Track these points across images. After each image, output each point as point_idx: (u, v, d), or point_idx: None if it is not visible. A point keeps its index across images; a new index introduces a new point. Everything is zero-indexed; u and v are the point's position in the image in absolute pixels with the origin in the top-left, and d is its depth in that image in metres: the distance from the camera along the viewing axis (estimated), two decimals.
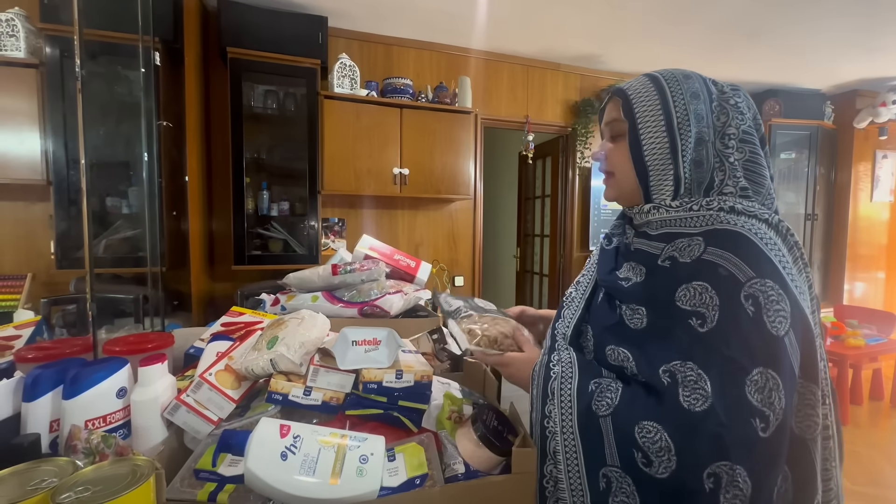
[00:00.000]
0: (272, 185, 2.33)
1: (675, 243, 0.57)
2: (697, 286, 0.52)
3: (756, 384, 0.47)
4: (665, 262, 0.57)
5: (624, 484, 0.51)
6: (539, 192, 3.81)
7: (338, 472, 0.52)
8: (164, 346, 0.80)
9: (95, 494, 0.42)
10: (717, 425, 0.46)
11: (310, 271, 0.99)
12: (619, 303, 0.60)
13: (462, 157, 2.64)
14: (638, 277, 0.59)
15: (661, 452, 0.48)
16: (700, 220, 0.57)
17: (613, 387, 0.55)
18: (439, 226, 2.93)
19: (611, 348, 0.58)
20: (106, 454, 0.52)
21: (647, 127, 0.59)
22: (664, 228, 0.60)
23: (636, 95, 0.61)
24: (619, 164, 0.63)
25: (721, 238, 0.53)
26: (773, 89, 3.59)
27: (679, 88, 0.59)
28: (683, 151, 0.58)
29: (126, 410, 0.58)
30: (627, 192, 0.64)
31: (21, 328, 0.99)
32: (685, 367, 0.50)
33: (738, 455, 0.46)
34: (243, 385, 0.66)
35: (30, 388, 0.54)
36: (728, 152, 0.58)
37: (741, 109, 0.59)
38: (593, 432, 0.53)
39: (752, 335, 0.48)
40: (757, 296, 0.49)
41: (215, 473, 0.53)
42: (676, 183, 0.59)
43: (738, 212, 0.56)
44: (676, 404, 0.49)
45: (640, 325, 0.56)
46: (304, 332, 0.68)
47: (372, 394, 0.64)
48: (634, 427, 0.50)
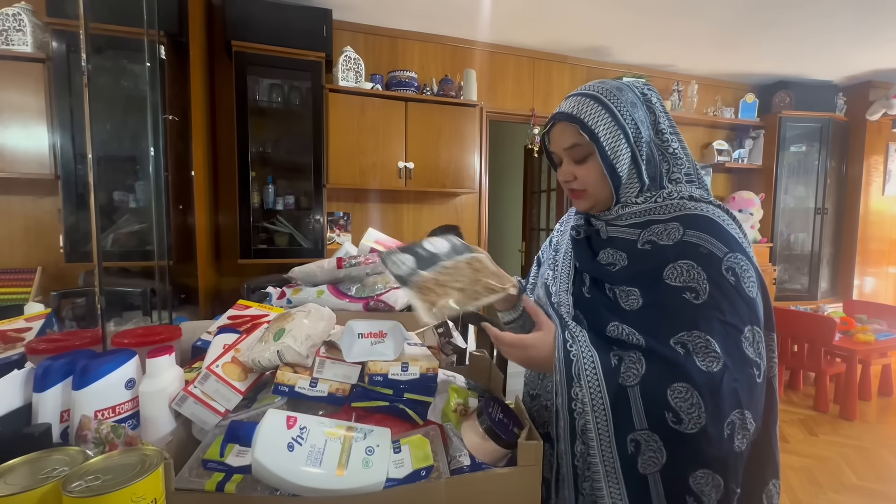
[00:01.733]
0: (277, 179, 2.33)
1: (651, 229, 0.65)
2: (684, 264, 0.59)
3: (748, 340, 0.57)
4: (646, 246, 0.64)
5: (651, 442, 0.57)
6: (545, 186, 3.79)
7: (344, 464, 0.52)
8: (171, 339, 0.81)
9: (105, 483, 0.42)
10: (733, 380, 0.55)
11: (315, 265, 0.99)
12: (610, 286, 0.65)
13: (467, 150, 2.63)
14: (622, 262, 0.66)
15: (691, 409, 0.54)
16: (668, 208, 0.65)
17: (635, 356, 0.59)
18: (444, 219, 2.92)
19: (613, 325, 0.62)
20: (115, 444, 0.53)
21: (612, 144, 0.64)
22: (636, 218, 0.67)
23: (591, 119, 0.64)
24: (592, 181, 0.67)
25: (696, 222, 0.62)
26: (783, 81, 3.53)
27: (621, 103, 0.65)
28: (641, 156, 0.66)
29: (135, 401, 0.59)
30: (601, 202, 0.70)
31: (32, 321, 1.00)
32: (692, 335, 0.57)
33: (746, 402, 0.55)
34: (250, 377, 0.66)
35: (40, 379, 0.55)
36: (666, 145, 0.68)
37: (660, 106, 0.68)
38: (622, 403, 0.58)
39: (737, 300, 0.57)
40: (733, 267, 0.58)
41: (223, 464, 0.53)
42: (641, 183, 0.67)
43: (697, 199, 0.65)
44: (698, 368, 0.55)
45: (635, 304, 0.62)
46: (311, 325, 0.69)
47: (378, 386, 0.64)
48: (666, 391, 0.56)
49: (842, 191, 3.79)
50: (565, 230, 0.81)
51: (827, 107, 3.56)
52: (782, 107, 3.49)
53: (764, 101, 3.61)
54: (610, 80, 0.69)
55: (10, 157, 1.75)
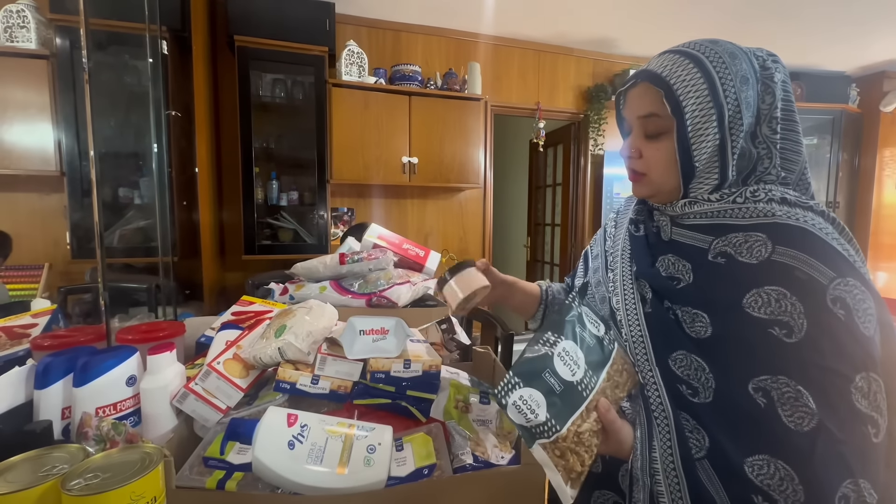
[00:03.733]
0: (281, 174, 2.33)
1: (727, 238, 0.52)
2: (773, 292, 0.47)
3: (861, 390, 0.44)
4: (718, 259, 0.52)
5: None
6: (550, 181, 3.76)
7: (345, 462, 0.52)
8: (175, 335, 0.80)
9: (105, 481, 0.42)
10: (837, 443, 0.43)
11: (317, 260, 0.99)
12: (670, 304, 0.55)
13: (472, 145, 2.60)
14: (686, 276, 0.54)
15: (783, 486, 0.44)
16: (749, 212, 0.52)
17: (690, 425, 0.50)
18: (449, 215, 2.91)
19: (681, 354, 0.52)
20: (116, 441, 0.53)
21: (699, 126, 0.52)
22: (707, 220, 0.55)
23: (682, 86, 0.52)
24: (659, 165, 0.56)
25: (787, 235, 0.49)
26: (794, 72, 3.45)
27: (728, 73, 0.51)
28: (734, 148, 0.53)
29: (136, 398, 0.59)
30: (665, 192, 0.58)
31: (38, 317, 1.01)
32: (778, 382, 0.46)
33: (859, 469, 0.43)
34: (251, 374, 0.66)
35: (41, 375, 0.55)
36: (775, 138, 0.53)
37: (784, 87, 0.54)
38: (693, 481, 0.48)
39: (847, 340, 0.45)
40: (844, 297, 0.45)
41: (224, 461, 0.53)
42: (722, 179, 0.54)
43: (791, 203, 0.51)
44: (782, 427, 0.45)
45: (704, 332, 0.51)
46: (312, 322, 0.68)
47: (380, 383, 0.64)
48: (743, 465, 0.45)
49: (854, 184, 3.72)
50: (622, 222, 0.68)
51: (839, 98, 3.48)
52: None
53: None
54: (726, 42, 0.54)
55: (16, 154, 1.76)
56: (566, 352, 0.50)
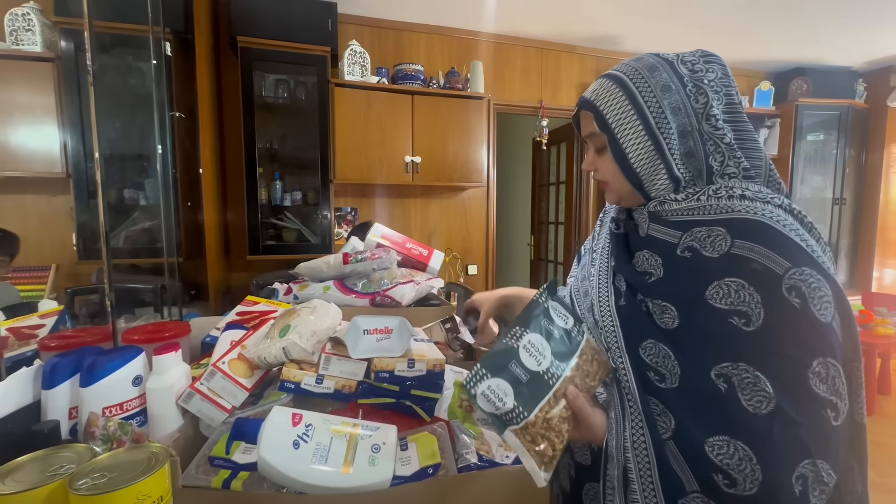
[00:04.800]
0: (285, 174, 2.33)
1: (692, 232, 0.55)
2: (732, 283, 0.49)
3: (819, 375, 0.46)
4: (685, 253, 0.55)
5: None
6: (553, 179, 3.75)
7: (350, 461, 0.52)
8: (181, 335, 0.81)
9: (111, 480, 0.42)
10: (794, 425, 0.45)
11: (321, 260, 0.99)
12: (643, 297, 0.58)
13: (475, 143, 2.60)
14: (657, 271, 0.57)
15: (741, 465, 0.46)
16: (712, 208, 0.55)
17: (659, 409, 0.53)
18: (452, 214, 2.91)
19: (650, 343, 0.55)
20: (123, 441, 0.53)
21: (626, 134, 0.57)
22: (678, 217, 0.58)
23: (605, 104, 0.58)
24: (610, 174, 0.62)
25: (745, 229, 0.51)
26: (800, 67, 3.42)
27: (646, 84, 0.57)
28: (670, 148, 0.57)
29: (142, 398, 0.59)
30: (626, 197, 0.63)
31: (45, 317, 1.01)
32: (738, 368, 0.48)
33: (818, 450, 0.45)
34: (256, 374, 0.66)
35: (48, 376, 0.55)
36: (719, 134, 0.57)
37: (718, 85, 0.57)
38: (663, 460, 0.50)
39: (803, 327, 0.47)
40: (799, 286, 0.47)
41: (229, 461, 0.53)
42: (674, 180, 0.57)
43: (750, 198, 0.54)
44: (741, 410, 0.47)
45: (671, 324, 0.54)
46: (316, 321, 0.68)
47: (384, 382, 0.64)
48: (703, 445, 0.47)
49: (861, 180, 3.68)
50: (605, 221, 0.73)
51: (846, 93, 3.45)
52: (799, 94, 3.39)
53: (780, 89, 3.51)
54: (648, 56, 0.60)
55: (22, 157, 1.77)
56: (531, 344, 0.53)
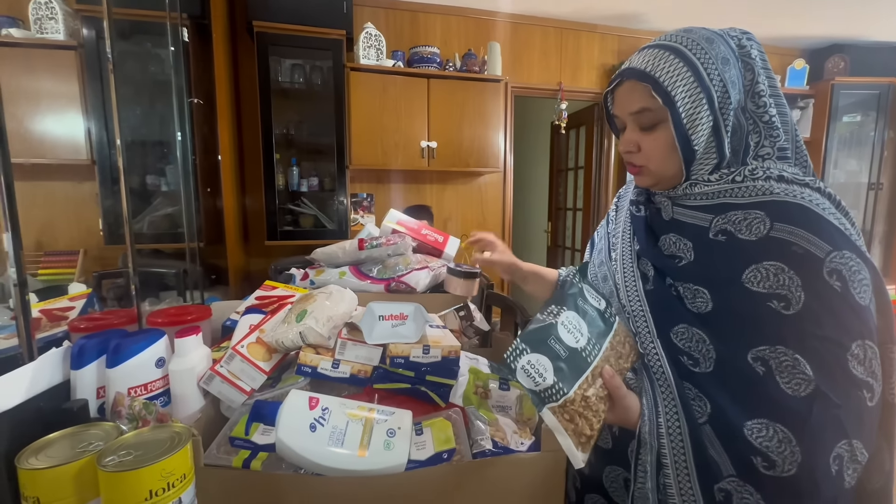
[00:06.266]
0: (301, 160, 2.34)
1: (727, 216, 0.54)
2: (771, 267, 0.49)
3: (857, 357, 0.47)
4: (718, 237, 0.54)
5: (745, 494, 0.48)
6: (572, 164, 3.67)
7: (366, 445, 0.52)
8: (202, 319, 0.83)
9: (137, 458, 0.44)
10: (833, 407, 0.46)
11: (337, 246, 0.99)
12: (672, 281, 0.57)
13: (491, 128, 2.55)
14: (687, 255, 0.56)
15: (781, 447, 0.46)
16: (748, 190, 0.54)
17: (692, 393, 0.53)
18: (468, 200, 2.89)
19: (682, 328, 0.54)
20: (148, 420, 0.55)
21: (692, 111, 0.53)
22: (708, 200, 0.57)
23: (667, 76, 0.53)
24: (659, 155, 0.57)
25: (785, 212, 0.50)
26: (837, 44, 3.23)
27: (709, 57, 0.53)
28: (726, 124, 0.54)
29: (165, 379, 0.61)
30: (667, 179, 0.59)
31: (75, 300, 1.05)
32: (776, 352, 0.48)
33: (854, 430, 0.46)
34: (274, 357, 0.67)
35: (76, 357, 0.57)
36: (761, 112, 0.55)
37: (760, 62, 0.56)
38: (698, 445, 0.50)
39: (844, 310, 0.47)
40: (840, 269, 0.47)
41: (249, 441, 0.54)
42: (721, 158, 0.56)
43: (788, 180, 0.53)
44: (780, 393, 0.47)
45: (704, 308, 0.53)
46: (332, 307, 0.68)
47: (399, 368, 0.64)
48: (742, 428, 0.48)
49: None
50: (621, 206, 0.70)
51: (887, 71, 3.23)
52: (836, 73, 3.20)
53: (815, 68, 3.32)
54: (699, 29, 0.56)
55: (49, 144, 1.82)
56: (569, 321, 0.53)
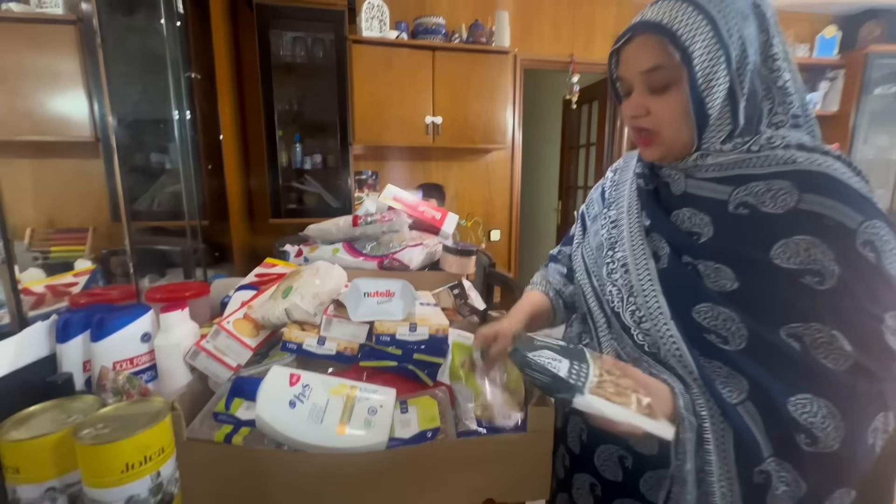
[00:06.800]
0: (305, 137, 2.31)
1: (748, 187, 0.50)
2: (801, 241, 0.46)
3: (891, 329, 0.45)
4: (740, 210, 0.50)
5: (782, 473, 0.47)
6: (584, 141, 3.55)
7: (346, 422, 0.51)
8: (199, 295, 0.83)
9: (114, 431, 0.44)
10: (877, 381, 0.45)
11: (331, 222, 0.97)
12: (690, 259, 0.53)
13: (499, 102, 2.47)
14: (706, 230, 0.53)
15: (825, 423, 0.45)
16: (768, 160, 0.50)
17: (724, 371, 0.50)
18: (475, 178, 2.83)
19: (705, 307, 0.50)
20: (132, 394, 0.55)
21: (708, 68, 0.48)
22: (722, 171, 0.52)
23: (686, 30, 0.48)
24: (670, 120, 0.52)
25: (812, 182, 0.47)
26: (873, 9, 3.00)
27: (728, 12, 0.49)
28: (742, 89, 0.50)
29: (151, 354, 0.61)
30: (678, 148, 0.54)
31: (79, 276, 1.07)
32: (810, 329, 0.46)
33: (893, 402, 0.46)
34: (262, 333, 0.67)
35: (61, 330, 0.57)
36: (775, 76, 0.51)
37: (775, 23, 0.51)
38: (737, 424, 0.48)
39: (877, 282, 0.45)
40: (872, 240, 0.45)
41: (232, 416, 0.54)
42: (734, 126, 0.51)
43: (809, 148, 0.50)
44: (822, 367, 0.46)
45: (728, 286, 0.50)
46: (319, 283, 0.67)
47: (386, 346, 0.63)
48: (786, 405, 0.46)
49: None
50: (622, 180, 0.66)
51: None
52: (870, 40, 2.99)
53: (847, 35, 3.10)
54: None
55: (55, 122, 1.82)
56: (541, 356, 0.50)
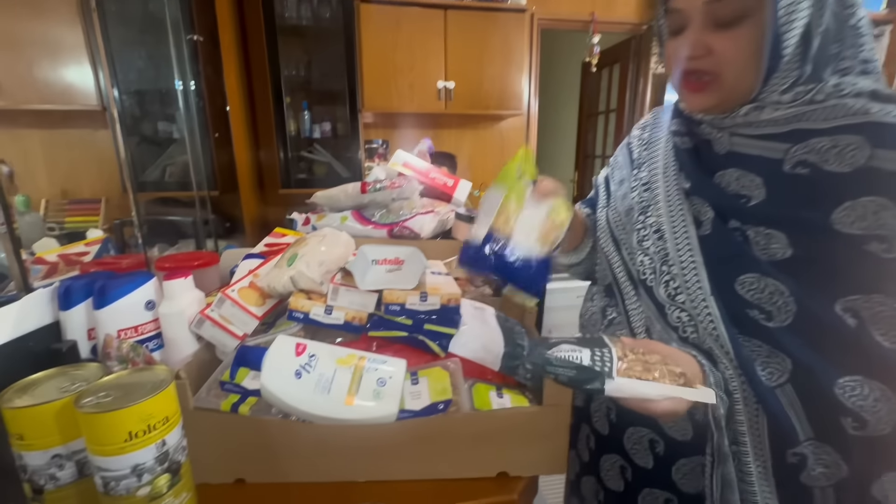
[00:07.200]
0: (313, 104, 2.24)
1: (808, 144, 0.44)
2: (870, 203, 0.41)
3: None
4: (798, 170, 0.45)
5: (822, 455, 0.44)
6: (603, 107, 3.40)
7: (354, 393, 0.49)
8: (209, 264, 0.82)
9: (116, 400, 0.42)
10: None
11: (339, 189, 0.94)
12: (739, 223, 0.48)
13: (514, 65, 2.35)
14: (757, 192, 0.47)
15: (876, 407, 0.42)
16: (833, 112, 0.43)
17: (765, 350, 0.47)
18: (488, 146, 2.74)
19: (751, 278, 0.46)
20: (137, 362, 0.54)
21: (792, 3, 0.42)
22: (777, 126, 0.46)
23: None
24: (737, 60, 0.45)
25: (889, 137, 0.41)
26: None
27: None
28: (820, 25, 0.43)
29: (157, 322, 0.60)
30: (735, 97, 0.47)
31: (90, 245, 1.07)
32: (871, 301, 0.41)
33: None
34: (268, 302, 0.65)
35: (63, 297, 0.56)
36: (848, 13, 0.44)
37: None
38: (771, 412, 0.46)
39: None
40: None
41: (239, 386, 0.53)
42: (800, 74, 0.44)
43: (884, 97, 0.43)
44: (876, 347, 0.41)
45: (781, 254, 0.45)
46: (325, 251, 0.64)
47: (395, 315, 0.60)
48: (833, 387, 0.43)
49: None
50: (653, 138, 0.60)
51: None
52: None
53: None
54: None
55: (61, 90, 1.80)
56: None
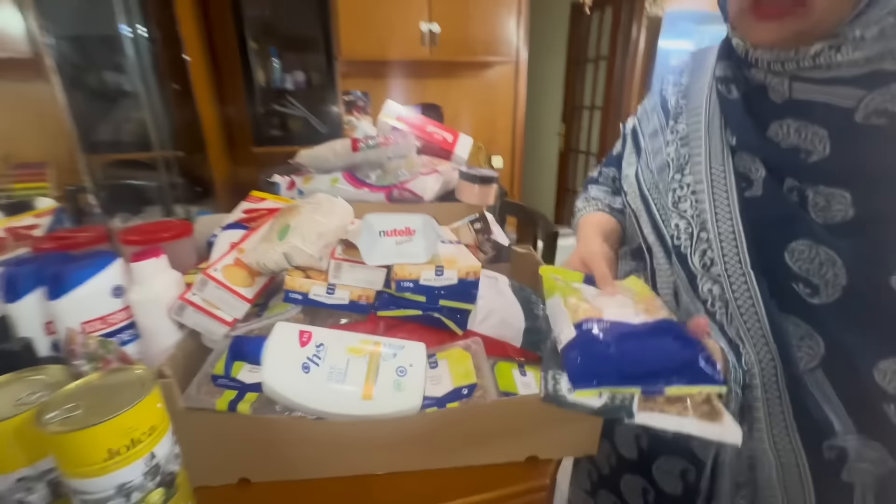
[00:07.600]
0: (283, 51, 2.03)
1: (889, 89, 0.37)
2: None
3: None
4: (872, 120, 0.38)
5: (865, 448, 0.41)
6: (593, 54, 3.22)
7: (372, 386, 0.43)
8: (183, 235, 0.71)
9: (88, 413, 0.35)
10: None
11: (326, 147, 0.83)
12: (797, 182, 0.42)
13: (503, 6, 2.17)
14: (820, 146, 0.41)
15: None
16: None
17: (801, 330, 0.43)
18: (475, 96, 2.58)
19: (803, 245, 0.41)
20: (109, 359, 0.46)
21: None
22: (856, 69, 0.39)
23: None
24: None
25: None
26: None
27: None
28: None
29: (128, 311, 0.51)
30: (821, 28, 0.40)
31: (41, 216, 0.93)
32: None
33: None
34: (258, 281, 0.57)
35: (8, 288, 0.47)
36: None
37: None
38: (799, 401, 0.43)
39: None
40: None
41: (234, 380, 0.46)
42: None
43: None
44: None
45: (839, 216, 0.40)
46: (322, 220, 0.56)
47: (407, 293, 0.53)
48: (872, 371, 0.39)
49: None
50: (694, 85, 0.53)
51: None
52: None
53: None
54: None
55: None
56: None
